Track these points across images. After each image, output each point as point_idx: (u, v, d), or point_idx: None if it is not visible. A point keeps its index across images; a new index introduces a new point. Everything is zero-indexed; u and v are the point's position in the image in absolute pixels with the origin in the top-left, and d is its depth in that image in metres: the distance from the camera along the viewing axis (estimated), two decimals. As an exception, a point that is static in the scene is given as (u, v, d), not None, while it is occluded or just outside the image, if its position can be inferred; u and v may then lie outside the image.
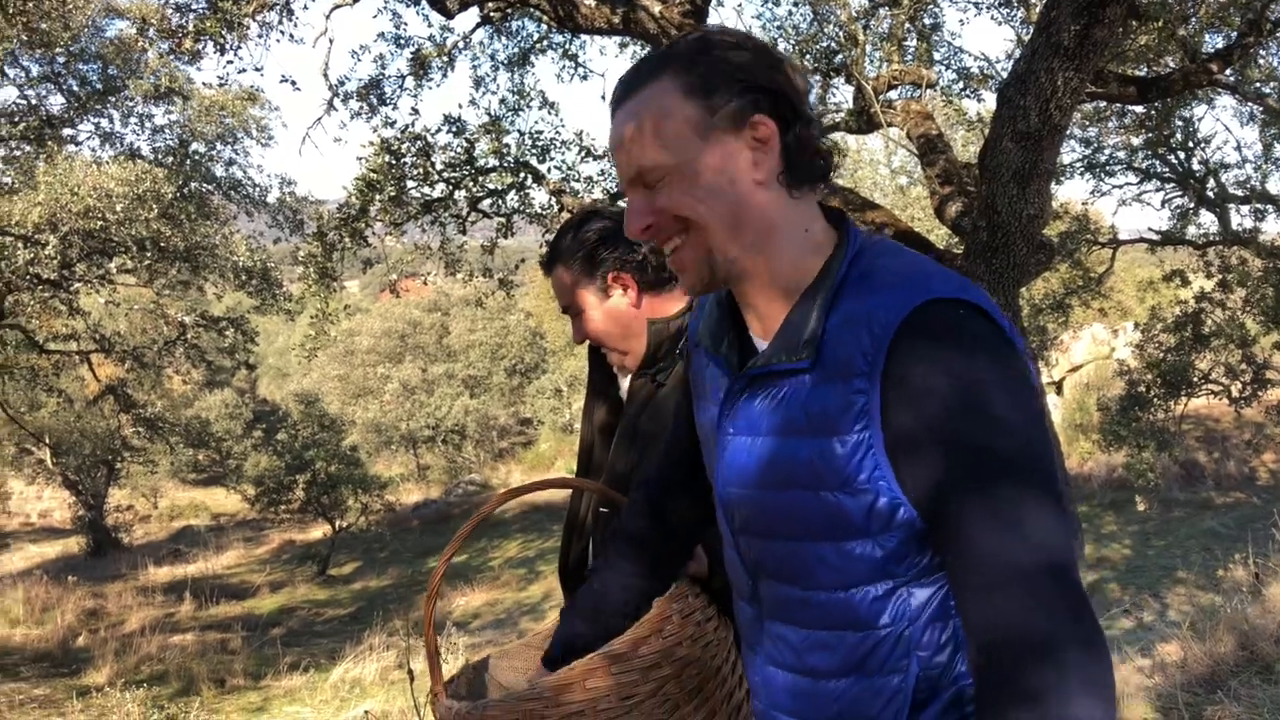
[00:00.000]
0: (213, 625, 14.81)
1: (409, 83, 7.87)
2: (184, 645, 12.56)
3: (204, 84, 12.95)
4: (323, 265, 7.92)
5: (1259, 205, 13.27)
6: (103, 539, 21.77)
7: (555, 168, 8.05)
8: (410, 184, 7.68)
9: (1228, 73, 7.20)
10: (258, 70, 11.63)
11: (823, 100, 7.87)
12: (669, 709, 1.52)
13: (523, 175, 7.86)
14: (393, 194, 7.49)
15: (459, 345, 29.59)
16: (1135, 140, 12.92)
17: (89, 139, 13.23)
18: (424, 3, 6.90)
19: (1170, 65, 8.09)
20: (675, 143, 1.18)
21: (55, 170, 9.96)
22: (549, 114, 8.55)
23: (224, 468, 24.10)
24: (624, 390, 2.17)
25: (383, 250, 8.73)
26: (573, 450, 23.56)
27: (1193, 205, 13.98)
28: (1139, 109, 10.88)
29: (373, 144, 7.46)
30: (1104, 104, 10.28)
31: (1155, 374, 12.76)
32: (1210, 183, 13.62)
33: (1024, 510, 1.03)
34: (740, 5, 24.55)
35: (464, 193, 7.93)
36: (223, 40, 6.42)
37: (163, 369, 14.59)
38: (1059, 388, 19.70)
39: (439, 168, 7.69)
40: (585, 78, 8.78)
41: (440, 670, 1.66)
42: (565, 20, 6.24)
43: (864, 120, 7.11)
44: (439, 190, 7.86)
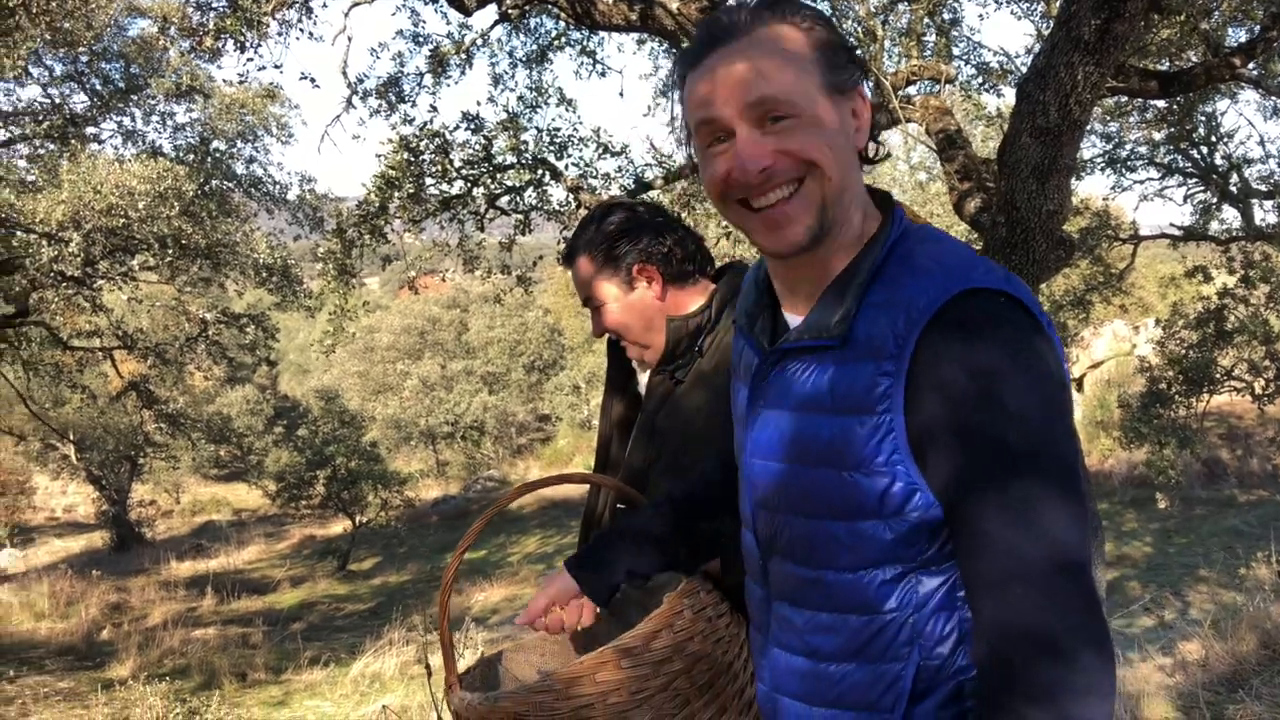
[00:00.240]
0: (234, 620, 14.92)
1: (427, 80, 7.89)
2: (206, 639, 12.66)
3: (224, 82, 13.05)
4: (342, 262, 7.96)
5: (1283, 200, 13.14)
6: (126, 534, 21.98)
7: (573, 164, 8.06)
8: (429, 181, 7.70)
9: (1250, 67, 7.12)
10: (277, 68, 11.74)
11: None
12: (680, 704, 1.52)
13: (540, 172, 7.87)
14: (411, 191, 7.51)
15: (478, 342, 29.66)
16: (1157, 135, 12.81)
17: (112, 137, 13.35)
18: (442, 0, 6.92)
19: (1192, 59, 8.02)
20: (810, 87, 1.16)
21: (78, 168, 10.04)
22: (566, 111, 8.54)
23: (245, 463, 24.25)
24: (642, 386, 2.16)
25: (401, 247, 8.76)
26: (591, 446, 23.57)
27: (1215, 200, 13.86)
28: (1161, 103, 10.78)
29: (391, 141, 7.48)
30: (1125, 99, 10.20)
31: (1177, 370, 12.65)
32: (1233, 178, 13.50)
33: (1041, 507, 1.03)
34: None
35: (482, 190, 7.95)
36: (243, 38, 6.45)
37: (184, 365, 14.67)
38: (1079, 384, 19.59)
39: (457, 165, 7.70)
40: (603, 74, 8.77)
41: (455, 663, 1.67)
42: (583, 17, 6.24)
43: (882, 116, 7.08)
44: (457, 187, 7.87)
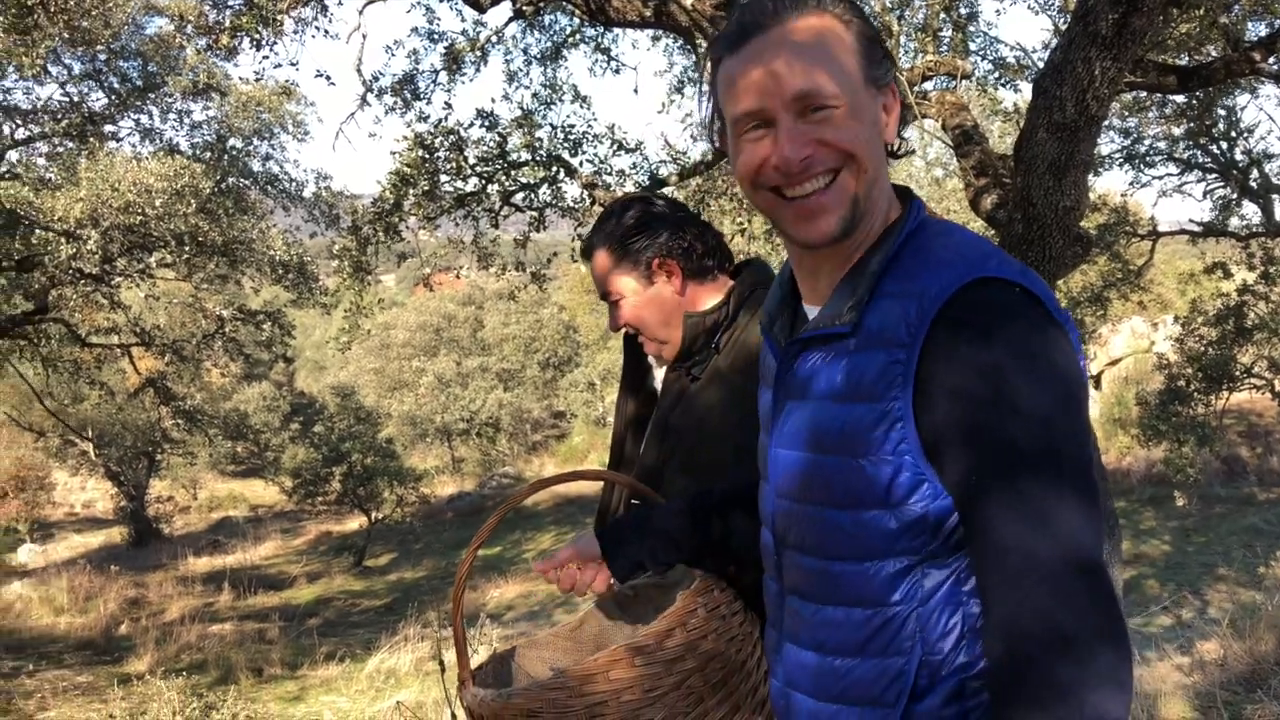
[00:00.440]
0: (251, 615, 15.02)
1: (442, 77, 7.90)
2: (222, 634, 12.75)
3: (240, 80, 13.09)
4: (357, 259, 7.98)
5: (1303, 196, 13.03)
6: (144, 529, 22.14)
7: (587, 161, 8.05)
8: (443, 178, 7.71)
9: (1271, 61, 7.04)
10: (293, 65, 11.75)
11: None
12: (692, 702, 1.52)
13: (555, 169, 7.87)
14: (426, 188, 7.52)
15: (493, 339, 29.73)
16: (1176, 130, 12.70)
17: (129, 135, 13.36)
18: (458, -3, 6.93)
19: (1212, 54, 7.95)
20: (852, 79, 1.17)
21: (96, 166, 10.11)
22: (581, 108, 8.55)
23: (262, 460, 24.38)
24: (658, 382, 2.17)
25: (416, 244, 8.78)
26: (605, 443, 23.61)
27: (1235, 196, 13.75)
28: (1180, 98, 10.69)
29: (406, 139, 7.50)
30: (1144, 94, 10.12)
31: (1196, 368, 12.57)
32: (1253, 173, 13.38)
33: (1055, 506, 1.02)
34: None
35: (496, 187, 7.95)
36: (258, 36, 6.47)
37: (201, 362, 14.76)
38: (1097, 381, 19.49)
39: (472, 162, 7.71)
40: (618, 71, 8.78)
41: (468, 659, 1.68)
42: (597, 14, 6.23)
43: (899, 113, 7.04)
44: (472, 184, 7.88)
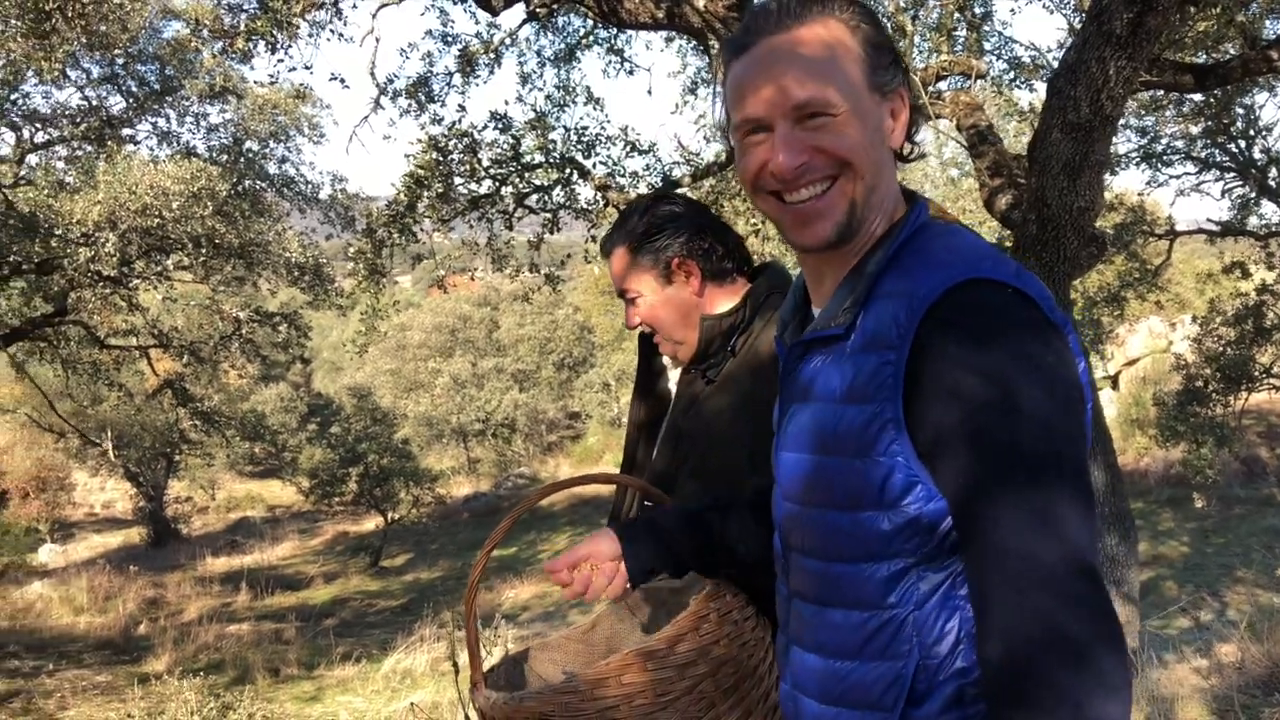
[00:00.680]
0: (268, 615, 15.09)
1: (456, 80, 7.93)
2: (240, 635, 12.82)
3: (256, 83, 13.16)
4: (372, 262, 8.02)
5: (1323, 195, 12.93)
6: (163, 530, 22.29)
7: (600, 163, 8.07)
8: (457, 181, 7.74)
9: (1289, 59, 6.99)
10: (308, 69, 11.76)
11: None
12: (704, 707, 1.53)
13: (568, 171, 7.89)
14: (440, 191, 7.56)
15: (508, 340, 29.80)
16: (1194, 129, 12.64)
17: (147, 138, 13.48)
18: (470, 0, 6.95)
19: (1230, 52, 7.90)
20: (854, 86, 1.18)
21: (114, 169, 10.19)
22: (594, 109, 8.58)
23: (279, 460, 24.48)
24: (672, 384, 2.17)
25: (431, 246, 8.81)
26: (620, 444, 23.64)
27: (1254, 195, 13.65)
28: (1197, 97, 10.63)
29: (420, 141, 7.53)
30: (1161, 92, 10.06)
31: (1214, 368, 12.49)
32: (1272, 172, 13.28)
33: (1056, 509, 1.02)
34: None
35: (510, 189, 7.98)
36: (273, 40, 6.50)
37: (219, 364, 14.84)
38: (1115, 381, 19.36)
39: (485, 164, 7.74)
40: (631, 73, 8.79)
41: (480, 661, 1.68)
42: (609, 15, 6.25)
43: (920, 114, 7.02)
44: (486, 186, 7.92)
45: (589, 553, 1.60)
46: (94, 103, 12.43)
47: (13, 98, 11.87)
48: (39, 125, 12.38)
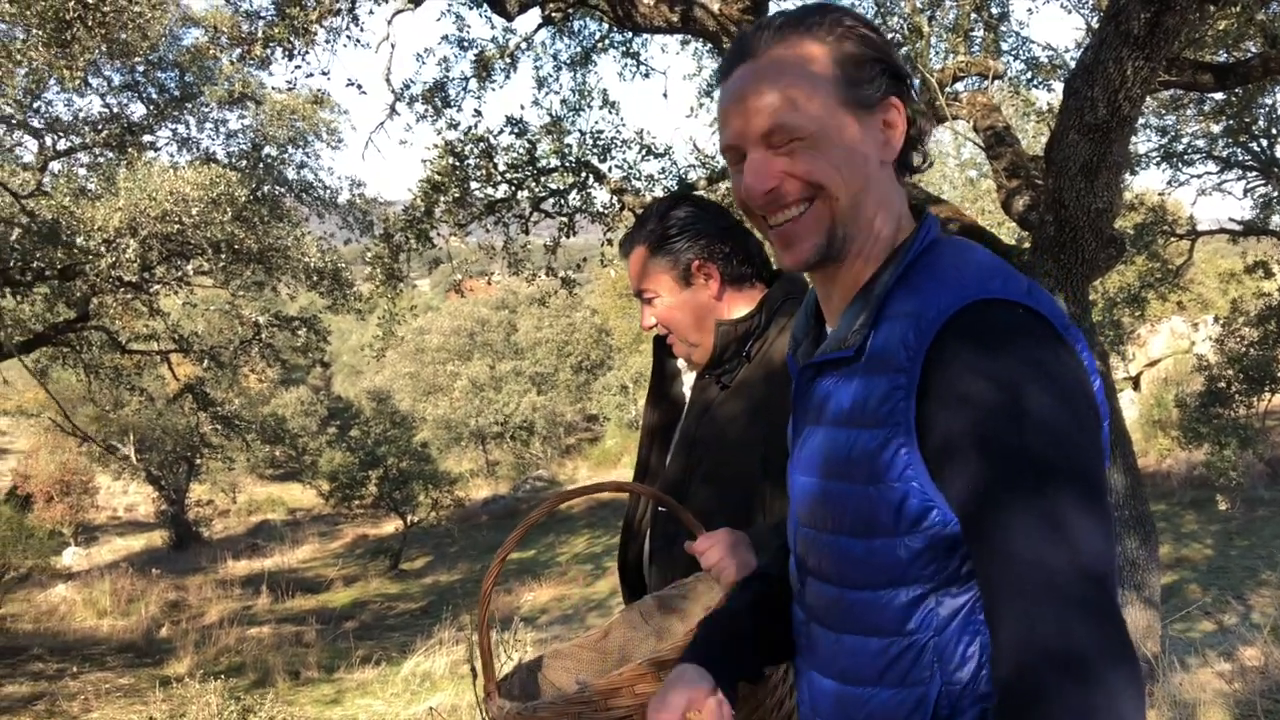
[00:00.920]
0: (288, 618, 15.16)
1: (472, 85, 7.95)
2: (260, 637, 12.88)
3: (274, 89, 13.24)
4: (390, 266, 8.06)
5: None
6: (184, 533, 22.44)
7: (616, 167, 8.10)
8: (474, 185, 7.77)
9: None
10: (325, 75, 11.82)
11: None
12: (716, 716, 1.52)
13: (584, 175, 7.91)
14: (457, 195, 7.59)
15: (526, 342, 29.86)
16: (1215, 128, 12.53)
17: (167, 144, 13.60)
18: (485, 5, 6.97)
19: (1251, 50, 7.83)
20: (822, 109, 1.17)
21: (135, 176, 10.28)
22: (610, 113, 8.58)
23: (300, 464, 24.61)
24: (686, 388, 2.16)
25: (448, 250, 8.85)
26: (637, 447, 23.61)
27: (1276, 194, 13.53)
28: (1218, 96, 10.54)
29: (437, 147, 7.56)
30: (1181, 91, 9.98)
31: (1237, 369, 12.38)
32: (1295, 170, 13.17)
33: (1068, 518, 1.00)
34: (804, -2, 24.34)
35: (526, 193, 8.01)
36: (291, 46, 6.55)
37: (239, 368, 14.94)
38: (1136, 383, 19.22)
39: (501, 169, 7.77)
40: (647, 76, 8.80)
41: (493, 669, 1.68)
42: (624, 19, 6.25)
43: (929, 114, 7.01)
44: (502, 191, 7.95)
45: (689, 700, 1.40)
46: (115, 110, 12.56)
47: (35, 105, 12.00)
48: (61, 133, 12.51)
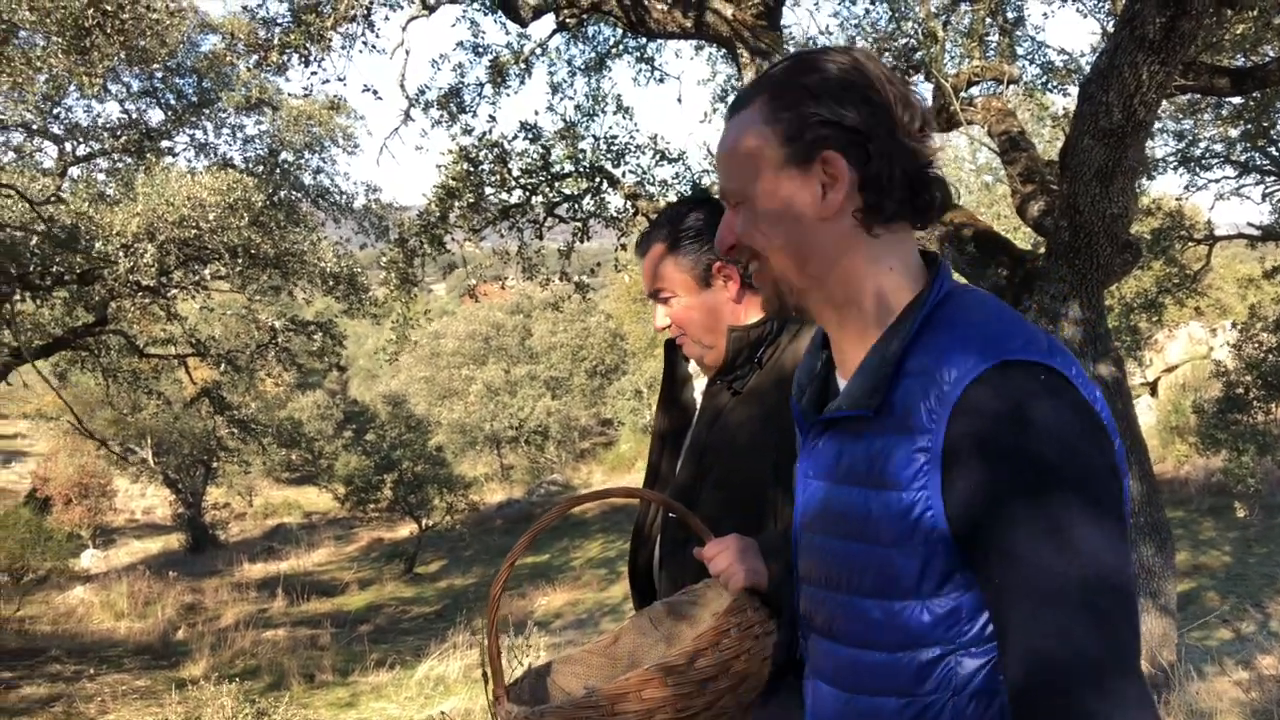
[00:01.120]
0: (303, 621, 15.20)
1: (487, 90, 7.99)
2: (276, 640, 12.91)
3: (290, 95, 13.32)
4: (404, 271, 8.09)
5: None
6: (201, 536, 22.56)
7: (630, 172, 8.11)
8: (488, 190, 7.80)
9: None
10: (341, 81, 11.92)
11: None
12: (724, 722, 1.52)
13: (598, 180, 7.93)
14: (471, 201, 7.61)
15: (541, 347, 29.91)
16: (1233, 132, 12.44)
17: (185, 150, 13.74)
18: (500, 11, 7.00)
19: (1269, 54, 7.79)
20: (749, 171, 1.19)
21: (153, 181, 10.37)
22: (623, 118, 8.60)
23: (316, 467, 24.69)
24: (697, 393, 2.15)
25: (462, 255, 8.88)
26: (653, 451, 23.59)
27: (1295, 199, 13.43)
28: (1236, 100, 10.48)
29: (451, 152, 7.59)
30: (1198, 96, 9.92)
31: (1255, 375, 12.28)
32: (1314, 175, 13.06)
33: (1079, 526, 0.99)
34: (816, 4, 24.32)
35: (540, 198, 8.03)
36: (307, 52, 6.60)
37: (255, 371, 15.01)
38: (1153, 388, 19.09)
39: (516, 174, 7.79)
40: (661, 81, 8.82)
41: (503, 675, 1.68)
42: (638, 25, 6.27)
43: (943, 119, 6.99)
44: (516, 196, 7.97)
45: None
46: (133, 116, 12.67)
47: (55, 111, 12.11)
48: (80, 138, 12.62)
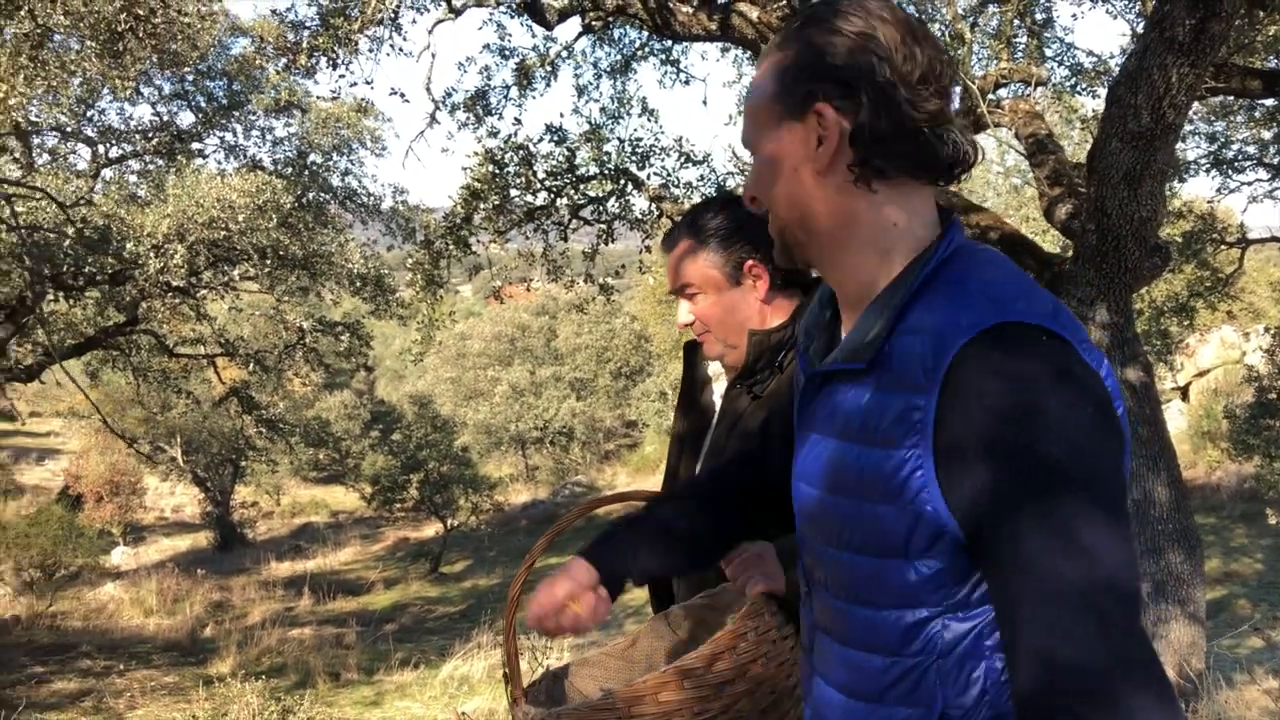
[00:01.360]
0: (329, 620, 15.30)
1: (513, 93, 8.02)
2: (302, 639, 13.00)
3: (319, 98, 13.44)
4: (430, 273, 8.14)
5: (1405, 200, 12.51)
6: (229, 534, 22.75)
7: (655, 174, 8.11)
8: (513, 192, 7.84)
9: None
10: (368, 84, 12.02)
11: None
12: (740, 726, 1.52)
13: (623, 182, 7.94)
14: (496, 203, 7.65)
15: (566, 348, 29.95)
16: (1265, 134, 12.28)
17: (215, 152, 13.86)
18: (526, 15, 7.03)
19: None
20: (756, 123, 1.22)
21: (183, 183, 10.49)
22: (649, 121, 8.61)
23: (343, 466, 24.85)
24: (717, 396, 2.15)
25: (487, 257, 8.92)
26: (678, 453, 23.56)
27: (1331, 201, 13.24)
28: (1269, 102, 10.34)
29: (477, 154, 7.63)
30: (1230, 98, 9.81)
31: (1288, 380, 12.11)
32: (1349, 178, 12.87)
33: (1087, 527, 0.97)
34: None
35: (565, 200, 8.06)
36: (335, 55, 6.66)
37: (283, 372, 15.14)
38: (1184, 393, 18.87)
39: (541, 176, 7.82)
40: (687, 83, 8.85)
41: (520, 677, 1.69)
42: (663, 28, 6.27)
43: (971, 121, 6.95)
44: (541, 198, 8.00)
45: (570, 591, 1.54)
46: (165, 118, 12.82)
47: (89, 114, 12.27)
48: (113, 141, 12.78)
